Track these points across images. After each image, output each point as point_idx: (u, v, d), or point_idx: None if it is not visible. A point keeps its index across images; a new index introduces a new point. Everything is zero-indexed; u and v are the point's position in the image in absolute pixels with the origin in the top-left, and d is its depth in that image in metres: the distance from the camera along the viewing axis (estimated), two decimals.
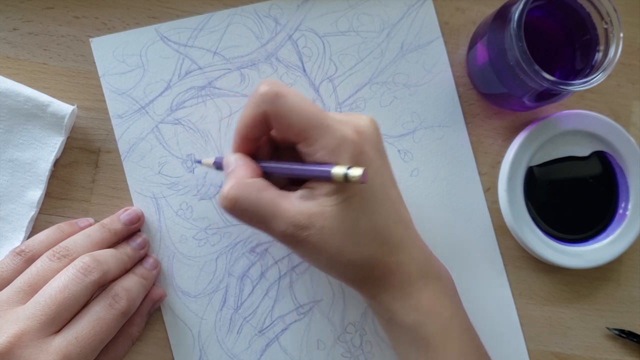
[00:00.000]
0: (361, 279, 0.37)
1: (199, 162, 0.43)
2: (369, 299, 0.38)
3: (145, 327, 0.43)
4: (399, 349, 0.38)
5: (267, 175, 0.38)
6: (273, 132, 0.38)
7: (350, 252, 0.35)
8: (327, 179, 0.34)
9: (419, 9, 0.46)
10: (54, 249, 0.39)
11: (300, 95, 0.35)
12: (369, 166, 0.35)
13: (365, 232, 0.35)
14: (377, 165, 0.36)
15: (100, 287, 0.38)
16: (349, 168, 0.33)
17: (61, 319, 0.36)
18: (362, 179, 0.32)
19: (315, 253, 0.35)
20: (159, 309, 0.43)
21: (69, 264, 0.38)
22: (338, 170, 0.33)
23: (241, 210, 0.35)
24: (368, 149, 0.35)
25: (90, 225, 0.42)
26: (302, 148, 0.35)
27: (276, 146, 0.40)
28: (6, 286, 0.38)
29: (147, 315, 0.42)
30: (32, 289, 0.37)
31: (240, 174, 0.36)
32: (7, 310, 0.36)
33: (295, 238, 0.35)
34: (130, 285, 0.40)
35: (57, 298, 0.36)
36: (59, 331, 0.36)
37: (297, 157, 0.37)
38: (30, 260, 0.39)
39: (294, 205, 0.35)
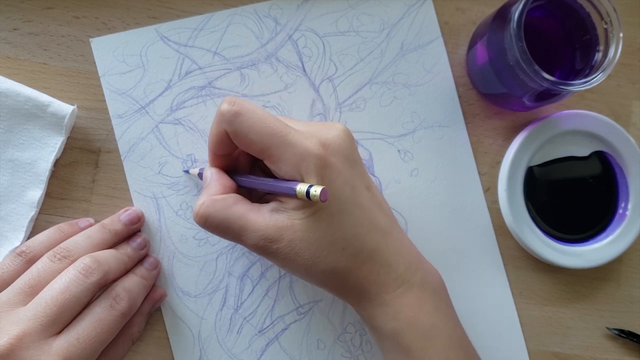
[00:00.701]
0: (338, 288, 0.37)
1: (187, 171, 0.44)
2: (351, 305, 0.38)
3: (146, 327, 0.43)
4: (384, 354, 0.39)
5: (245, 187, 0.39)
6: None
7: (322, 263, 0.35)
8: (293, 195, 0.34)
9: (419, 9, 0.46)
10: (54, 249, 0.39)
11: (263, 112, 0.35)
12: (336, 178, 0.35)
13: (335, 242, 0.35)
14: (347, 175, 0.36)
15: (101, 287, 0.38)
16: (310, 187, 0.33)
17: (62, 320, 0.36)
18: (322, 198, 0.33)
19: (288, 264, 0.36)
20: (159, 309, 0.43)
21: (70, 264, 0.38)
22: (301, 188, 0.34)
23: (212, 226, 0.36)
24: (335, 160, 0.35)
25: (91, 225, 0.42)
26: (267, 165, 0.36)
27: (255, 157, 0.40)
28: (6, 287, 0.38)
29: (148, 315, 0.42)
30: (33, 290, 0.37)
31: (212, 191, 0.37)
32: (8, 311, 0.36)
33: (266, 250, 0.36)
34: (131, 285, 0.40)
35: (58, 299, 0.36)
36: (60, 332, 0.36)
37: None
38: (30, 261, 0.39)
39: (265, 218, 0.36)
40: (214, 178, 0.38)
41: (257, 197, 0.40)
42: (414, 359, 0.36)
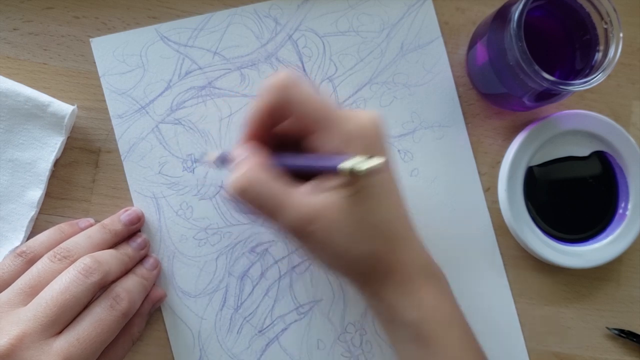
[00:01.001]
0: (364, 275, 0.36)
1: (199, 160, 0.43)
2: (370, 296, 0.38)
3: (146, 327, 0.43)
4: (399, 346, 0.38)
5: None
6: (281, 127, 0.38)
7: (355, 247, 0.35)
8: (339, 170, 0.33)
9: (419, 9, 0.46)
10: (54, 250, 0.39)
11: (314, 87, 0.35)
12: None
13: (371, 226, 0.35)
14: (388, 159, 0.36)
15: (102, 288, 0.38)
16: (365, 159, 0.32)
17: (62, 320, 0.36)
18: (383, 167, 0.32)
19: (321, 247, 0.35)
20: (159, 309, 0.43)
21: (70, 265, 0.38)
22: (354, 162, 0.32)
23: (252, 196, 0.34)
24: (381, 142, 0.36)
25: (91, 225, 0.42)
26: (313, 140, 0.35)
27: (279, 144, 0.39)
28: (6, 287, 0.38)
29: (148, 315, 0.42)
30: (34, 290, 0.37)
31: (254, 161, 0.35)
32: (8, 311, 0.36)
33: (301, 231, 0.34)
34: (131, 286, 0.40)
35: (59, 299, 0.36)
36: (60, 333, 0.36)
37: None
38: (31, 261, 0.39)
39: (303, 198, 0.34)
40: (254, 151, 0.36)
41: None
42: (434, 348, 0.36)
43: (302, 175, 0.37)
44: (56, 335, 0.36)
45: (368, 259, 0.36)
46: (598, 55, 0.39)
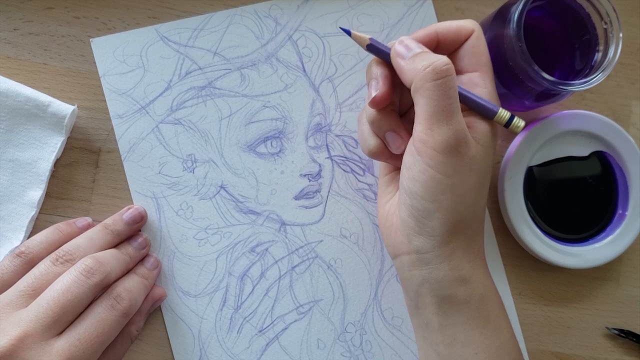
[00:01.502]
0: (458, 223, 0.36)
1: (348, 32, 0.38)
2: (446, 255, 0.36)
3: (146, 326, 0.43)
4: (447, 327, 0.37)
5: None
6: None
7: (485, 190, 0.37)
8: (492, 115, 0.37)
9: (418, 9, 0.46)
10: (56, 253, 0.39)
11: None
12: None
13: (486, 185, 0.38)
14: None
15: (103, 288, 0.38)
16: (514, 116, 0.37)
17: (64, 321, 0.36)
18: (524, 128, 0.37)
19: (465, 172, 0.35)
20: (159, 309, 0.43)
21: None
22: (505, 113, 0.37)
23: (449, 84, 0.34)
24: None
25: (89, 224, 0.42)
26: (479, 79, 0.38)
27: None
28: (6, 288, 0.38)
29: (147, 314, 0.42)
30: (35, 292, 0.37)
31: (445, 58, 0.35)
32: (10, 312, 0.36)
33: (457, 147, 0.34)
34: (132, 285, 0.40)
35: (60, 300, 0.36)
36: (61, 333, 0.36)
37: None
38: (30, 262, 0.39)
39: (466, 124, 0.35)
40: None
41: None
42: (491, 329, 0.36)
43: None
44: (57, 335, 0.36)
45: (472, 210, 0.36)
46: (598, 56, 0.39)
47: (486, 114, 0.37)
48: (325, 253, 0.44)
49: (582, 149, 0.45)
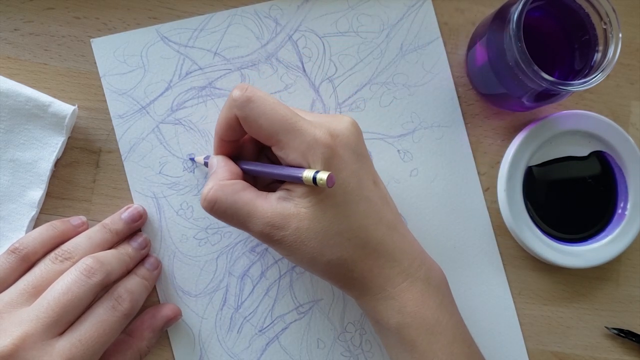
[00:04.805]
0: (342, 280, 0.37)
1: (192, 159, 0.44)
2: (354, 299, 0.38)
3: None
4: (388, 349, 0.39)
5: (250, 175, 0.39)
6: (249, 135, 0.39)
7: (328, 253, 0.35)
8: (299, 181, 0.34)
9: (418, 10, 0.46)
10: (55, 251, 0.39)
11: (274, 99, 0.36)
12: (343, 169, 0.35)
13: (341, 233, 0.35)
14: (354, 168, 0.36)
15: (103, 288, 0.39)
16: (317, 172, 0.33)
17: (65, 321, 0.36)
18: (328, 184, 0.33)
19: (293, 253, 0.36)
20: None
21: (72, 265, 0.38)
22: (307, 174, 0.34)
23: (220, 211, 0.36)
24: (343, 151, 0.35)
25: (83, 223, 0.42)
26: (275, 151, 0.36)
27: (262, 145, 0.40)
28: (3, 285, 0.38)
29: (160, 332, 0.42)
30: (36, 291, 0.37)
31: (220, 176, 0.37)
32: (11, 312, 0.36)
33: (272, 238, 0.36)
34: (133, 286, 0.40)
35: (61, 300, 0.36)
36: (62, 333, 0.36)
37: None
38: (24, 257, 0.39)
39: (272, 205, 0.36)
40: (221, 164, 0.38)
41: (262, 185, 0.40)
42: (419, 353, 0.36)
43: (276, 181, 0.38)
44: (58, 336, 0.36)
45: (342, 264, 0.36)
46: (597, 56, 0.39)
47: (296, 181, 0.35)
48: None
49: (582, 149, 0.45)
